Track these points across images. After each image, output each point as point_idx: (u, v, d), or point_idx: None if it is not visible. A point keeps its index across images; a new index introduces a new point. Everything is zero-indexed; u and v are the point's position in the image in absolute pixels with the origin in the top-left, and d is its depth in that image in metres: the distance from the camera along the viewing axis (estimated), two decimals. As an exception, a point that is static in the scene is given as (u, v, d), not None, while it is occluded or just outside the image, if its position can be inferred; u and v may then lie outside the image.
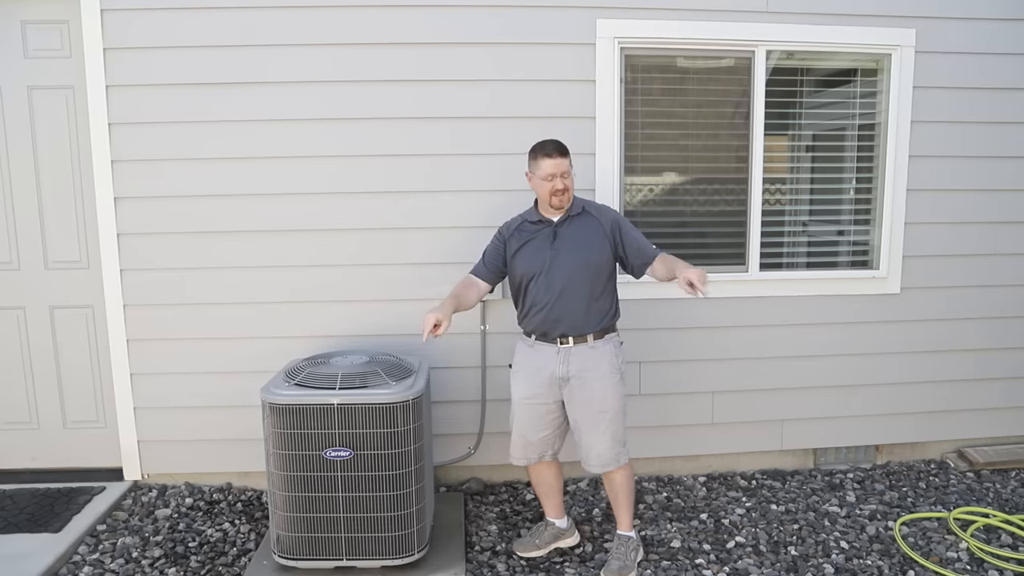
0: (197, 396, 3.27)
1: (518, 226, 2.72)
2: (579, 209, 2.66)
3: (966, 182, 3.48)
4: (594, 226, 2.64)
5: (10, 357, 3.32)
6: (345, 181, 3.19)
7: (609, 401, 2.60)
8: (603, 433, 2.61)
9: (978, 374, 3.63)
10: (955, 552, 2.84)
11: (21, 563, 2.61)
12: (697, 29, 3.23)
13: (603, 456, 2.63)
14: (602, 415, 2.60)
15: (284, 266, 3.22)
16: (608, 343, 2.64)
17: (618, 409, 2.63)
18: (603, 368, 2.60)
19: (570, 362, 2.60)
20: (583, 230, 2.63)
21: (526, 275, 2.64)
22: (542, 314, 2.61)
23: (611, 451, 2.63)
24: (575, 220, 2.65)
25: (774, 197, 3.47)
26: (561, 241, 2.61)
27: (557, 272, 2.58)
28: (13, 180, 3.20)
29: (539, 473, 2.81)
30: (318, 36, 3.09)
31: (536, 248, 2.64)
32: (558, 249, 2.60)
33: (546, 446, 2.74)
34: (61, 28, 3.11)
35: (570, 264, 2.58)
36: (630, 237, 2.66)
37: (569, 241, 2.61)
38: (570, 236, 2.62)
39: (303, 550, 2.57)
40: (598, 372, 2.59)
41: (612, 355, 2.63)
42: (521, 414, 2.71)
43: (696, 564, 2.77)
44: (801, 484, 3.46)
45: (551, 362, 2.62)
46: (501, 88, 3.19)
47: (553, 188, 2.57)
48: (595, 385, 2.59)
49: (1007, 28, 3.39)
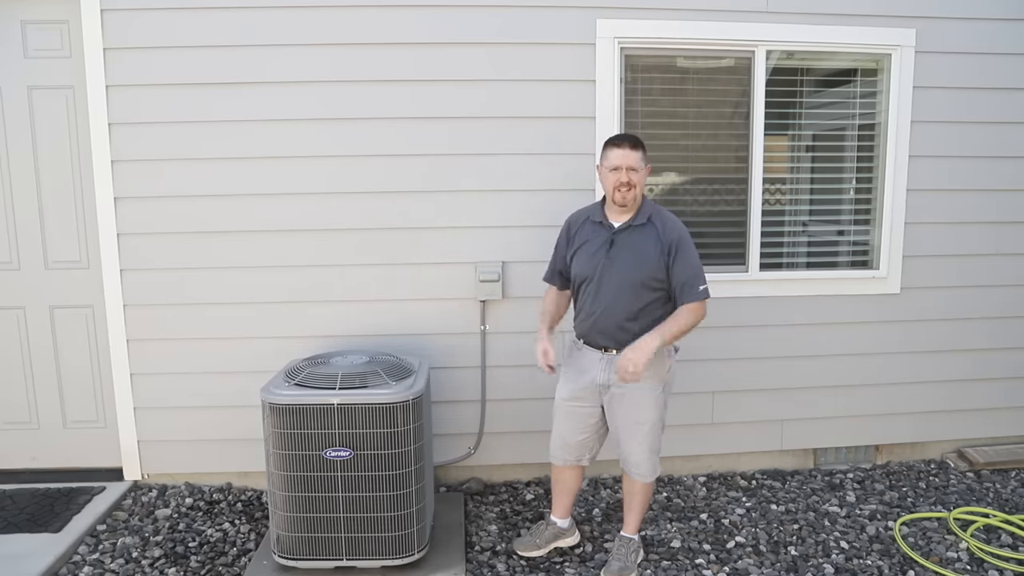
0: (197, 396, 3.27)
1: (583, 221, 2.63)
2: (644, 219, 2.52)
3: (966, 182, 3.48)
4: (652, 240, 2.48)
5: (10, 357, 3.32)
6: (344, 181, 3.19)
7: (647, 413, 2.55)
8: (640, 443, 2.58)
9: (978, 374, 3.63)
10: (955, 552, 2.84)
11: (21, 563, 2.61)
12: (697, 29, 3.23)
13: (641, 465, 2.62)
14: (639, 426, 2.57)
15: (284, 266, 3.22)
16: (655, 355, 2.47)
17: (656, 420, 2.58)
18: (647, 381, 2.51)
19: (612, 371, 2.54)
20: (641, 243, 2.49)
21: (579, 277, 2.59)
22: (588, 322, 2.58)
23: (648, 462, 2.61)
24: (637, 231, 2.52)
25: (774, 197, 3.47)
26: (616, 250, 2.51)
27: (606, 283, 2.51)
28: (13, 180, 3.20)
29: (562, 473, 2.79)
30: (317, 36, 3.09)
31: (592, 252, 2.55)
32: (612, 258, 2.51)
33: (584, 450, 2.72)
34: (61, 28, 3.11)
35: (619, 277, 2.49)
36: (682, 266, 2.46)
37: (624, 252, 2.50)
38: (627, 247, 2.50)
39: (303, 550, 2.57)
40: (641, 385, 2.51)
41: (656, 365, 2.50)
42: (562, 415, 2.69)
43: (696, 564, 2.77)
44: (801, 484, 3.46)
45: (594, 367, 2.59)
46: (500, 88, 3.19)
47: (618, 181, 2.45)
48: (635, 396, 2.54)
49: (1007, 28, 3.39)
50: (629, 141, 2.49)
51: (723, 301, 3.41)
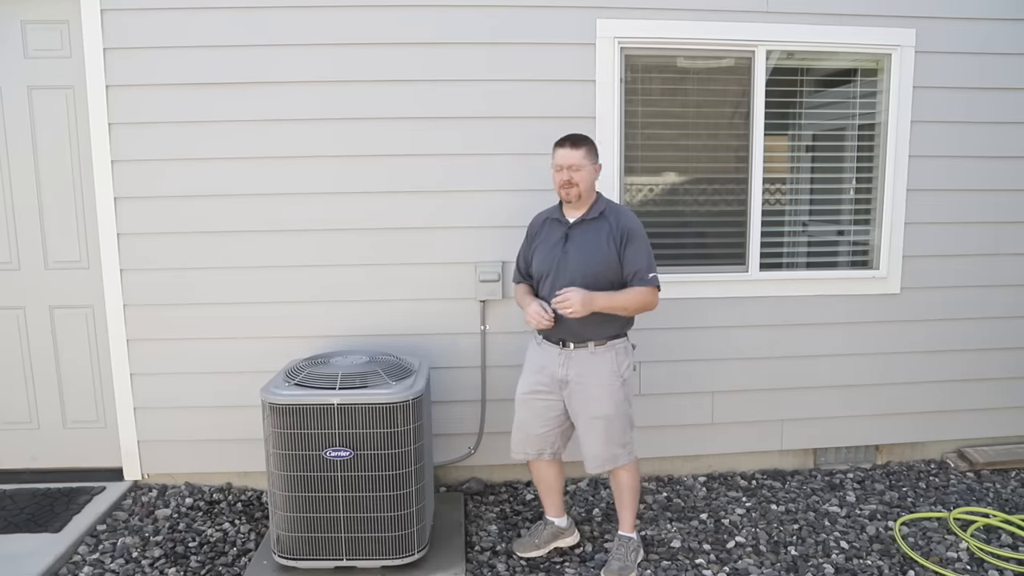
0: (197, 396, 3.27)
1: (543, 221, 2.73)
2: (597, 213, 2.60)
3: (966, 182, 3.48)
4: (605, 233, 2.56)
5: (10, 357, 3.32)
6: (345, 181, 3.19)
7: (605, 407, 2.57)
8: (597, 436, 2.59)
9: (978, 374, 3.63)
10: (955, 552, 2.84)
11: (21, 563, 2.61)
12: (697, 29, 3.23)
13: (597, 457, 2.62)
14: (596, 420, 2.58)
15: (284, 266, 3.22)
16: (610, 350, 2.59)
17: (614, 414, 2.58)
18: (602, 374, 2.57)
19: (570, 366, 2.59)
20: (594, 236, 2.57)
21: (538, 273, 2.67)
22: None
23: (606, 451, 2.61)
24: (590, 224, 2.59)
25: (774, 197, 3.47)
26: (571, 245, 2.58)
27: (562, 277, 2.56)
28: (13, 180, 3.20)
29: (539, 470, 2.81)
30: (317, 36, 3.09)
31: (549, 248, 2.63)
32: (567, 252, 2.58)
33: (545, 443, 2.73)
34: (61, 28, 3.11)
35: (573, 270, 2.55)
36: (633, 255, 2.54)
37: (578, 246, 2.57)
38: (580, 241, 2.58)
39: (303, 550, 2.57)
40: (596, 378, 2.57)
41: (612, 361, 2.58)
42: (521, 408, 2.73)
43: (696, 564, 2.77)
44: (801, 484, 3.46)
45: (553, 363, 2.63)
46: (501, 88, 3.19)
47: (560, 180, 2.56)
48: (592, 391, 2.57)
49: (1006, 28, 3.39)
50: (571, 140, 2.57)
51: (723, 301, 3.42)
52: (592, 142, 2.61)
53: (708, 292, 3.40)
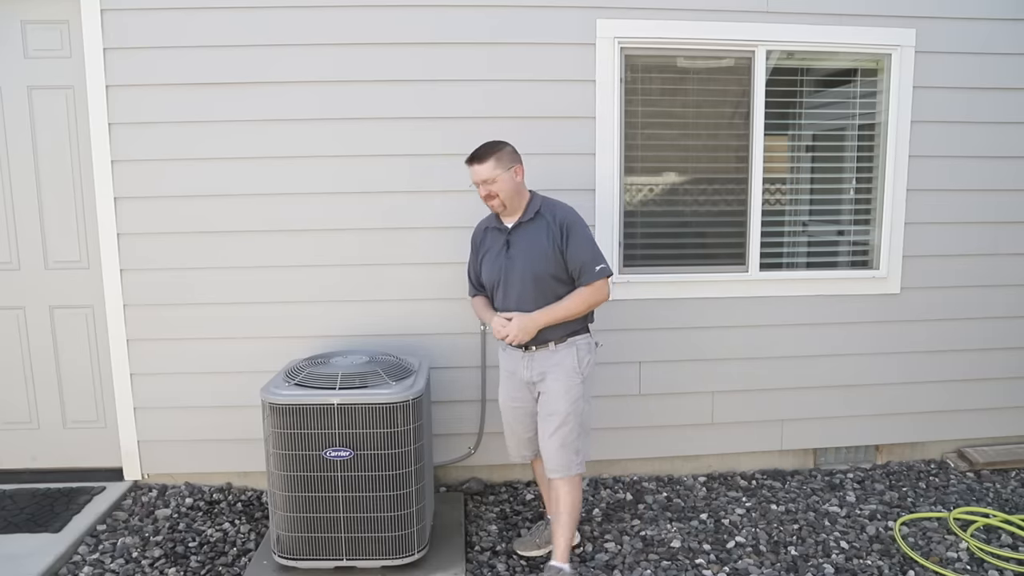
0: (197, 396, 3.27)
1: (484, 231, 2.70)
2: (532, 214, 2.54)
3: (966, 182, 3.48)
4: (544, 231, 2.50)
5: (10, 357, 3.32)
6: (345, 181, 3.19)
7: (561, 403, 2.50)
8: (552, 436, 2.51)
9: (978, 374, 3.63)
10: (955, 552, 2.84)
11: (21, 563, 2.61)
12: (697, 29, 3.23)
13: (551, 460, 2.53)
14: (551, 417, 2.51)
15: (284, 266, 3.22)
16: (571, 346, 2.54)
17: (570, 412, 2.50)
18: (561, 371, 2.52)
19: (533, 367, 2.56)
20: (535, 236, 2.52)
21: (488, 283, 2.64)
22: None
23: (559, 456, 2.51)
24: (527, 226, 2.54)
25: (774, 197, 3.47)
26: (514, 250, 2.54)
27: (511, 284, 2.53)
28: (13, 180, 3.20)
29: (539, 469, 2.81)
30: (317, 36, 3.09)
31: (493, 258, 2.60)
32: (512, 258, 2.53)
33: (536, 444, 2.70)
34: (61, 28, 3.11)
35: (519, 274, 2.51)
36: (575, 249, 2.48)
37: (521, 250, 2.52)
38: (522, 245, 2.53)
39: (303, 550, 2.57)
40: (556, 375, 2.52)
41: (573, 357, 2.53)
42: (505, 415, 2.73)
43: (696, 564, 2.77)
44: (801, 484, 3.46)
45: (519, 366, 2.61)
46: (501, 88, 3.18)
47: (482, 196, 2.54)
48: (551, 387, 2.53)
49: (1006, 28, 3.39)
50: (475, 156, 2.51)
51: (723, 301, 3.42)
52: (501, 148, 2.52)
53: (708, 292, 3.40)
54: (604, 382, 3.37)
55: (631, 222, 3.37)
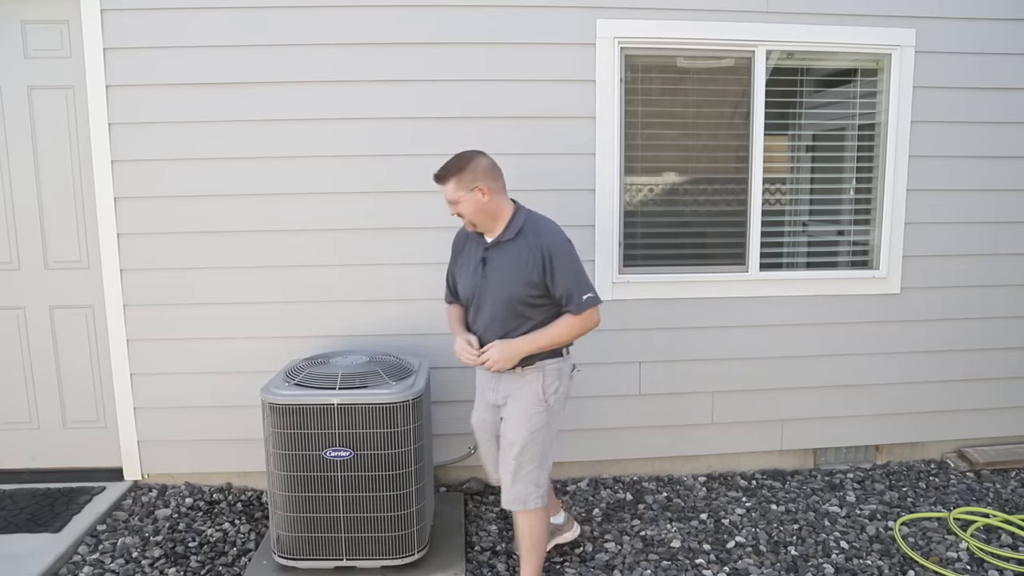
0: (197, 396, 3.27)
1: (464, 238, 2.50)
2: (514, 233, 2.32)
3: (966, 182, 3.48)
4: (524, 255, 2.28)
5: (10, 357, 3.32)
6: (345, 181, 3.19)
7: (520, 432, 2.33)
8: (507, 465, 2.37)
9: (978, 374, 3.63)
10: (955, 552, 2.84)
11: (21, 563, 2.61)
12: (697, 29, 3.23)
13: (506, 491, 2.38)
14: (510, 446, 2.36)
15: (284, 266, 3.22)
16: (539, 371, 2.35)
17: (528, 443, 2.32)
18: (524, 397, 2.36)
19: (499, 389, 2.44)
20: (513, 259, 2.30)
21: (463, 297, 2.48)
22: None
23: (513, 488, 2.35)
24: (506, 247, 2.33)
25: (774, 197, 3.47)
26: (489, 270, 2.35)
27: (484, 303, 2.37)
28: (13, 180, 3.20)
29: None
30: (317, 36, 3.09)
31: (469, 273, 2.42)
32: (487, 276, 2.35)
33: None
34: (61, 28, 3.11)
35: (493, 296, 2.34)
36: (560, 278, 2.27)
37: (495, 271, 2.34)
38: (497, 265, 2.34)
39: (303, 550, 2.57)
40: (518, 401, 2.37)
41: (538, 383, 2.34)
42: (476, 434, 2.63)
43: (696, 564, 2.77)
44: (801, 484, 3.46)
45: (487, 387, 2.51)
46: (501, 88, 3.18)
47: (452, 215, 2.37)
48: (511, 414, 2.38)
49: (1006, 28, 3.39)
50: (436, 176, 2.30)
51: (723, 301, 3.42)
52: (464, 166, 2.28)
53: (708, 292, 3.40)
54: (604, 382, 3.38)
55: (631, 222, 3.37)
